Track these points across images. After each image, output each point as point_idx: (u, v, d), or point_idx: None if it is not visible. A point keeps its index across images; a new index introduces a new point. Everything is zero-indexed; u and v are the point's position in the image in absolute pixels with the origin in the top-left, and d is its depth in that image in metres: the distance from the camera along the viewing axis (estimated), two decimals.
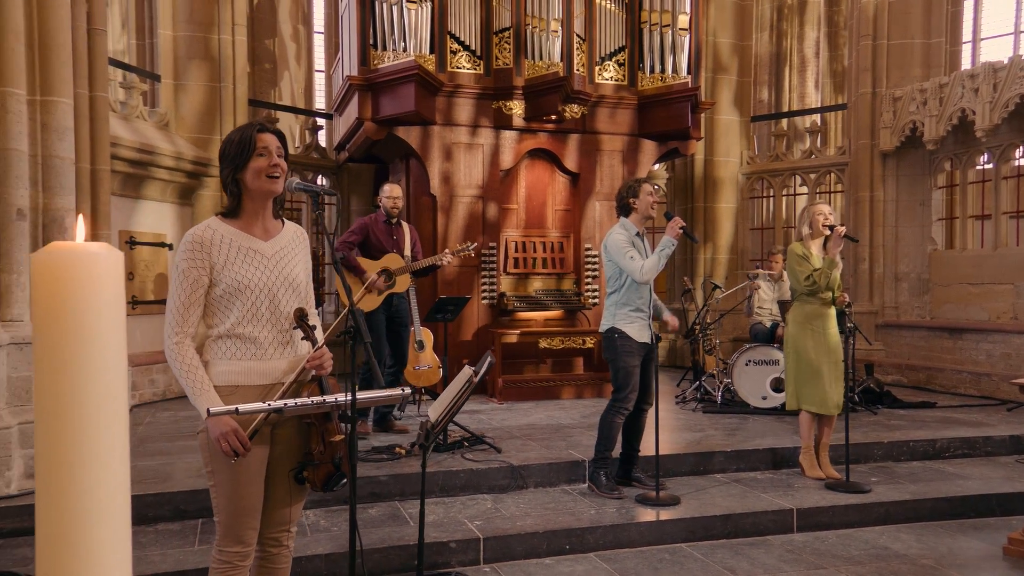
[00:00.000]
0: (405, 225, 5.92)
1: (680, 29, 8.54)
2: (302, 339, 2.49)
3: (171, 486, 4.42)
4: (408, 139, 7.90)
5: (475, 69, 8.07)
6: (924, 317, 9.12)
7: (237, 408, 2.16)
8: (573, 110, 8.24)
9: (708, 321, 7.74)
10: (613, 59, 8.55)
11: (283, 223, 2.59)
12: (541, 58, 8.04)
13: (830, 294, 5.09)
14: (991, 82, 7.94)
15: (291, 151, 10.43)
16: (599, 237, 8.00)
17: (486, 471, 4.81)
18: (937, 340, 8.75)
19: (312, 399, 2.28)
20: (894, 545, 4.30)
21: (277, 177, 2.44)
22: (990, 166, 8.87)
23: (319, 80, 12.16)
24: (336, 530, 4.08)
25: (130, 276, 7.97)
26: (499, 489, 4.78)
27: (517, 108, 8.13)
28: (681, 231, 4.49)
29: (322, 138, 10.93)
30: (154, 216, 8.48)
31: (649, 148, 8.74)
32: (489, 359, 3.11)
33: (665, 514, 4.39)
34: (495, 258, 8.12)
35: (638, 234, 4.71)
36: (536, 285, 8.25)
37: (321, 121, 10.76)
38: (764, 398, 6.83)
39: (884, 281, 9.39)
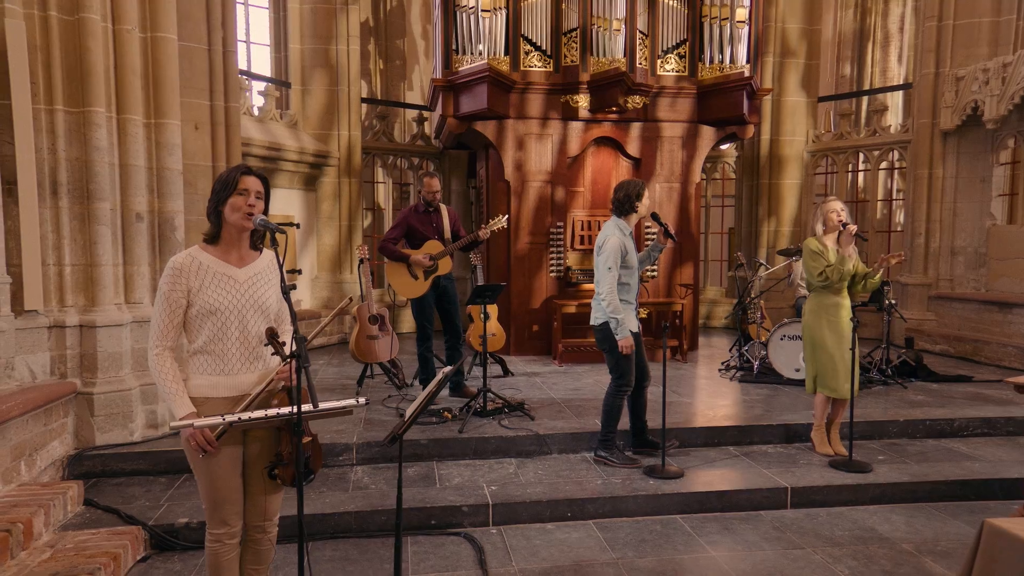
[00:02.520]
0: (443, 209, 5.72)
1: (738, 22, 7.89)
2: (272, 355, 2.49)
3: None
4: (485, 132, 7.77)
5: (545, 67, 7.79)
6: (979, 290, 8.17)
7: (192, 423, 2.20)
8: (635, 101, 7.83)
9: (752, 295, 7.26)
10: (674, 52, 8.02)
11: (261, 252, 2.57)
12: (604, 55, 7.66)
13: (844, 286, 4.64)
14: None
15: (403, 141, 10.60)
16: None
17: (515, 438, 4.74)
18: (988, 313, 7.83)
19: (267, 412, 2.28)
20: (881, 527, 3.92)
21: (251, 216, 2.43)
22: None
23: None
24: (374, 488, 4.16)
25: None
26: (525, 455, 4.72)
27: (583, 101, 7.81)
28: (662, 230, 4.50)
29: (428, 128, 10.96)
30: (283, 201, 8.83)
31: (707, 133, 8.19)
32: (466, 358, 3.02)
33: (666, 487, 4.19)
34: (562, 236, 7.93)
35: (629, 233, 4.46)
36: None
37: (427, 113, 10.78)
38: (797, 370, 6.36)
39: (940, 254, 8.47)
